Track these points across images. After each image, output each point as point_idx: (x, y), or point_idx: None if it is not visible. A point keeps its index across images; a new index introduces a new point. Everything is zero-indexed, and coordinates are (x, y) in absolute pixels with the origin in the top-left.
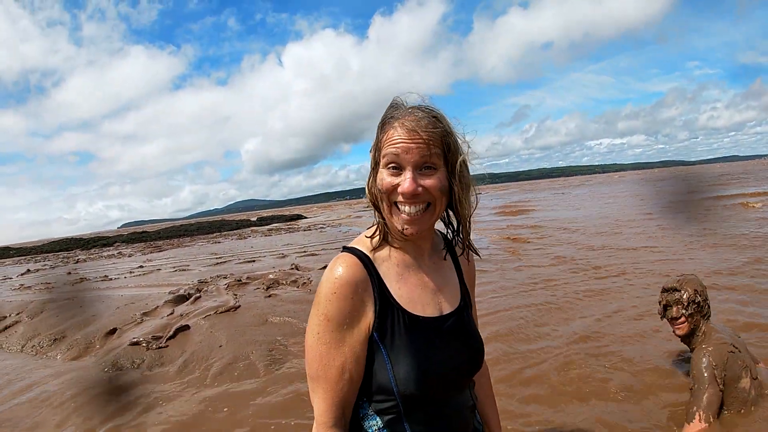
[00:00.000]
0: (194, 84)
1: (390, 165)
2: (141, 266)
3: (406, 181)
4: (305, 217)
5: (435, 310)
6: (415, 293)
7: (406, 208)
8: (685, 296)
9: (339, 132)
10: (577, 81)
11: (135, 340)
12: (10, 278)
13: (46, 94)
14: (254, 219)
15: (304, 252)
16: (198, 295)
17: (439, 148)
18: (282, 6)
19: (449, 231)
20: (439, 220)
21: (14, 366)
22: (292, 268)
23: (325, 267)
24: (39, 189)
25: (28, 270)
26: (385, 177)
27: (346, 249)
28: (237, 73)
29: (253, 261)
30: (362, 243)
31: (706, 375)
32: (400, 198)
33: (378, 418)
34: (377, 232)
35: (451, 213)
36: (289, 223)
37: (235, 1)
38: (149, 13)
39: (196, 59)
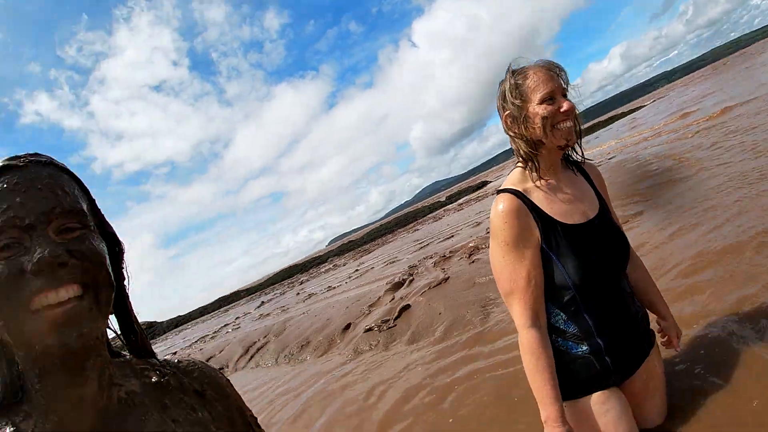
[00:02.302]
0: (344, 96)
1: (546, 99)
2: (356, 270)
3: (565, 103)
4: (491, 182)
5: (582, 217)
6: (563, 208)
7: (568, 123)
8: None
9: (495, 86)
10: None
11: (368, 327)
12: (249, 312)
13: (220, 157)
14: (444, 199)
15: None
16: (411, 278)
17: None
18: None
19: (573, 150)
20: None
21: (273, 376)
22: (488, 232)
23: None
24: (246, 236)
25: (262, 302)
26: (543, 109)
27: (499, 191)
28: (378, 71)
29: (452, 236)
30: (511, 182)
31: None
32: (561, 117)
33: (562, 314)
34: (532, 166)
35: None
36: (477, 193)
37: (345, 5)
38: (277, 51)
39: (336, 74)
